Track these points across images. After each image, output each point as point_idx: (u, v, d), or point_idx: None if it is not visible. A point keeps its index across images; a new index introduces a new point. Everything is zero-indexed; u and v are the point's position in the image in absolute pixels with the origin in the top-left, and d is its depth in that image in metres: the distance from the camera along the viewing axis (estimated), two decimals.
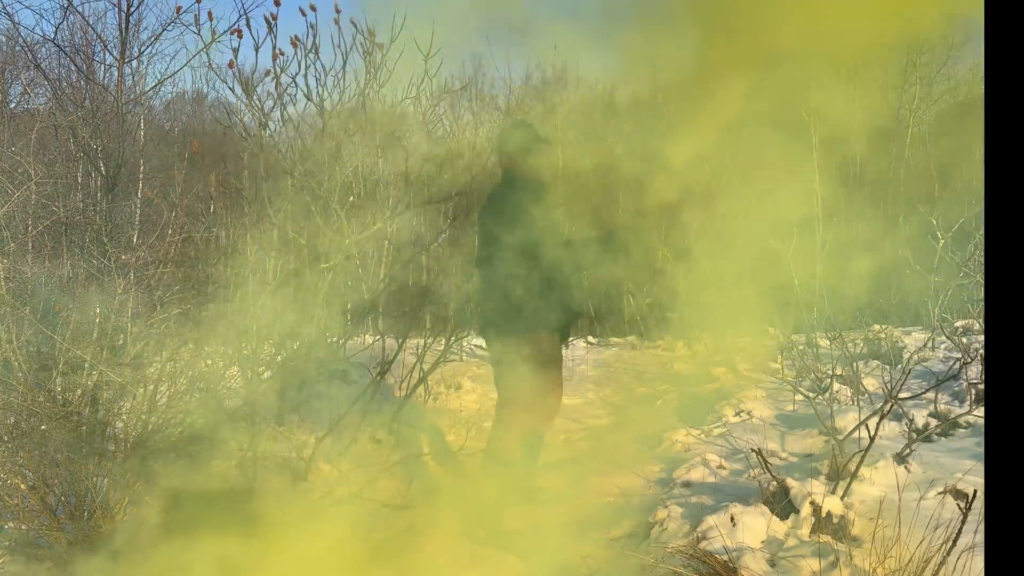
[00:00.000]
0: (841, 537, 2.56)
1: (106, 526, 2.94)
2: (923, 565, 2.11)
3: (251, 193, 5.16)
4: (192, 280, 3.43)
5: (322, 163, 4.83)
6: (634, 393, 6.57)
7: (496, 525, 3.16)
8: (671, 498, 3.18)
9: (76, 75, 6.59)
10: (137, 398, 3.13)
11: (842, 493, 2.81)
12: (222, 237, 4.80)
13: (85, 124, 4.73)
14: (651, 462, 3.83)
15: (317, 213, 4.85)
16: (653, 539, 2.71)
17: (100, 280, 3.83)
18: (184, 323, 3.33)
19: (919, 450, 3.37)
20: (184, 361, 3.37)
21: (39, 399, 2.88)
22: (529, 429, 3.23)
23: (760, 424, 4.50)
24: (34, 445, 2.80)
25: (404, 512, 3.45)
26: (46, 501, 2.90)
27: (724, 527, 2.51)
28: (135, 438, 2.99)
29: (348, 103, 5.00)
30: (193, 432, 3.12)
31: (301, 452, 4.24)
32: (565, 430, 5.24)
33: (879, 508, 2.74)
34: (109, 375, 3.02)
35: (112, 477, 2.97)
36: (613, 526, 2.99)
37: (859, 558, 2.30)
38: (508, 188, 3.20)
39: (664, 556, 2.49)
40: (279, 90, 4.71)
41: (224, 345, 3.65)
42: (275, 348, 4.52)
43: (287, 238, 4.96)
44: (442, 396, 5.91)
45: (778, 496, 2.75)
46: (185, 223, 3.98)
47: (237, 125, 4.91)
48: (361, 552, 3.06)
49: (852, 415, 4.01)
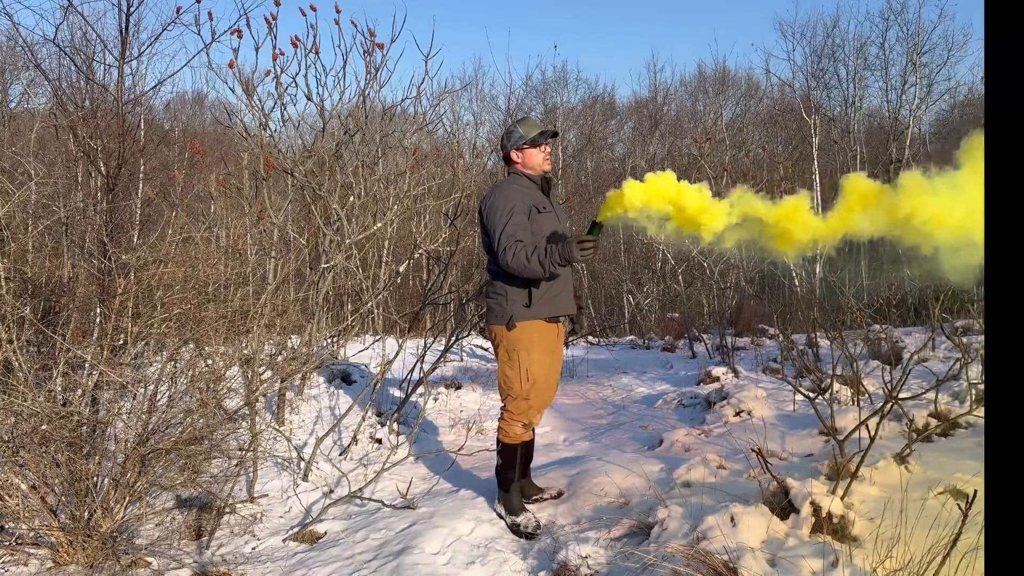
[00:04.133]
0: (841, 537, 2.56)
1: (106, 525, 2.95)
2: (923, 565, 2.12)
3: (251, 193, 5.16)
4: (192, 280, 3.43)
5: (323, 163, 4.84)
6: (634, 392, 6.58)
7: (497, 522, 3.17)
8: (671, 498, 3.18)
9: (76, 75, 6.58)
10: (137, 398, 3.13)
11: (842, 493, 2.81)
12: (222, 237, 4.80)
13: (85, 124, 4.73)
14: (651, 462, 3.83)
15: (317, 214, 4.85)
16: (653, 539, 2.71)
17: (100, 280, 3.83)
18: (184, 323, 3.34)
19: (919, 450, 3.37)
20: (184, 361, 3.37)
21: (39, 399, 2.88)
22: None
23: (760, 424, 4.50)
24: (34, 445, 2.80)
25: (405, 512, 3.45)
26: (46, 501, 2.90)
27: (724, 527, 2.51)
28: (135, 438, 2.99)
29: (348, 103, 5.00)
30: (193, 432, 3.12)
31: (301, 452, 4.24)
32: (566, 430, 5.25)
33: (880, 508, 2.74)
34: (109, 375, 3.02)
35: (112, 477, 2.97)
36: (613, 526, 2.99)
37: (859, 558, 2.31)
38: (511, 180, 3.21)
39: (664, 556, 2.49)
40: (279, 90, 4.71)
41: (224, 345, 3.65)
42: (275, 348, 4.52)
43: (287, 238, 4.97)
44: (442, 396, 5.92)
45: (778, 496, 2.76)
46: (185, 223, 3.98)
47: (237, 125, 4.92)
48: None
49: (852, 415, 4.01)
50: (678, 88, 23.42)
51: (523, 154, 3.23)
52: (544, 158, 3.24)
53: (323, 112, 4.94)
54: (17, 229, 4.12)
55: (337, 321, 6.79)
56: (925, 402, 4.10)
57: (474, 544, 3.09)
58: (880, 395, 4.68)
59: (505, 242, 2.97)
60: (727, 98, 22.27)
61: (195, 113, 21.31)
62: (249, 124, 4.97)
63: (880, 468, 3.12)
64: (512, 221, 3.00)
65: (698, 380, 6.53)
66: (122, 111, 4.62)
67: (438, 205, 6.39)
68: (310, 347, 4.79)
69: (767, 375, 6.44)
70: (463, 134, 17.21)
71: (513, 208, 3.03)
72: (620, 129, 23.04)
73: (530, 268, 2.90)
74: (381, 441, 4.70)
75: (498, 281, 3.16)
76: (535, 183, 3.23)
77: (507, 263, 2.96)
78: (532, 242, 2.98)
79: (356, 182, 4.95)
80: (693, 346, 8.95)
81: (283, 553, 3.16)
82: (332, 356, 5.25)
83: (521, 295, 3.11)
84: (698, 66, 32.83)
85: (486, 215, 3.10)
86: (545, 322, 3.16)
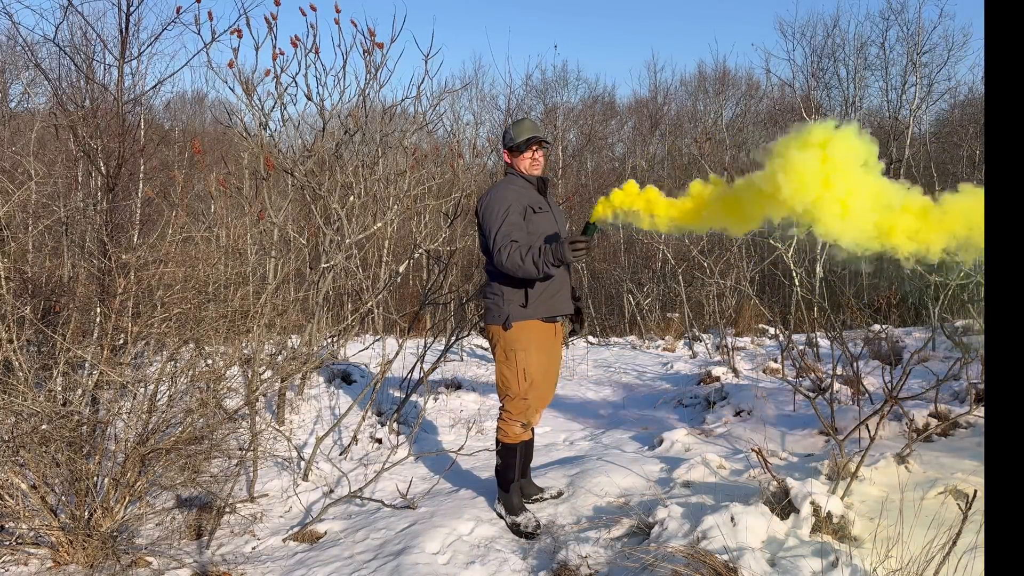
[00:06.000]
0: (841, 537, 2.56)
1: (106, 525, 2.95)
2: (923, 565, 2.12)
3: (251, 193, 5.16)
4: (192, 280, 3.43)
5: (323, 163, 4.83)
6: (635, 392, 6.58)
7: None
8: (671, 498, 3.18)
9: (76, 75, 6.58)
10: (137, 398, 3.13)
11: (842, 493, 2.81)
12: (222, 237, 4.80)
13: (85, 124, 4.73)
14: (651, 462, 3.83)
15: (317, 213, 4.85)
16: (653, 539, 2.71)
17: (100, 280, 3.83)
18: (184, 323, 3.33)
19: (919, 450, 3.37)
20: (184, 361, 3.37)
21: (39, 399, 2.88)
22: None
23: (760, 424, 4.51)
24: (34, 445, 2.80)
25: (405, 511, 3.45)
26: (46, 501, 2.90)
27: (724, 527, 2.51)
28: (135, 437, 2.99)
29: (348, 103, 5.00)
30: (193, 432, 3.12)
31: (301, 452, 4.25)
32: (566, 430, 5.25)
33: (879, 508, 2.74)
34: (109, 375, 3.02)
35: (112, 477, 2.97)
36: (613, 526, 2.99)
37: (859, 558, 2.31)
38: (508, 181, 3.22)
39: (664, 556, 2.49)
40: (279, 90, 4.71)
41: (224, 345, 3.65)
42: (275, 348, 4.52)
43: (287, 238, 4.97)
44: (442, 396, 5.92)
45: (778, 496, 2.76)
46: (185, 223, 3.98)
47: (237, 125, 4.92)
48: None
49: (852, 415, 4.01)
50: (678, 88, 23.42)
51: (512, 156, 3.25)
52: (531, 163, 3.23)
53: (323, 112, 4.94)
54: (17, 229, 4.12)
55: (337, 321, 6.79)
56: (925, 402, 4.10)
57: (474, 544, 3.09)
58: (880, 395, 4.68)
59: (500, 242, 2.98)
60: (727, 98, 22.27)
61: (195, 113, 21.31)
62: (249, 124, 4.97)
63: (880, 468, 3.12)
64: (507, 221, 3.01)
65: (698, 380, 6.53)
66: (122, 111, 4.62)
67: (438, 205, 6.39)
68: (310, 347, 4.79)
69: (767, 375, 6.44)
70: (463, 134, 17.20)
71: (508, 208, 3.04)
72: (620, 129, 23.03)
73: (524, 268, 2.91)
74: (381, 441, 4.71)
75: (495, 281, 3.17)
76: (531, 183, 3.24)
77: (502, 263, 2.97)
78: (527, 242, 2.98)
79: (356, 182, 4.95)
80: (693, 346, 8.96)
81: (283, 553, 3.17)
82: (332, 356, 5.25)
83: (517, 295, 3.11)
84: (698, 66, 32.83)
85: (482, 216, 3.11)
86: (542, 322, 3.16)
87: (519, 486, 3.33)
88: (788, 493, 2.72)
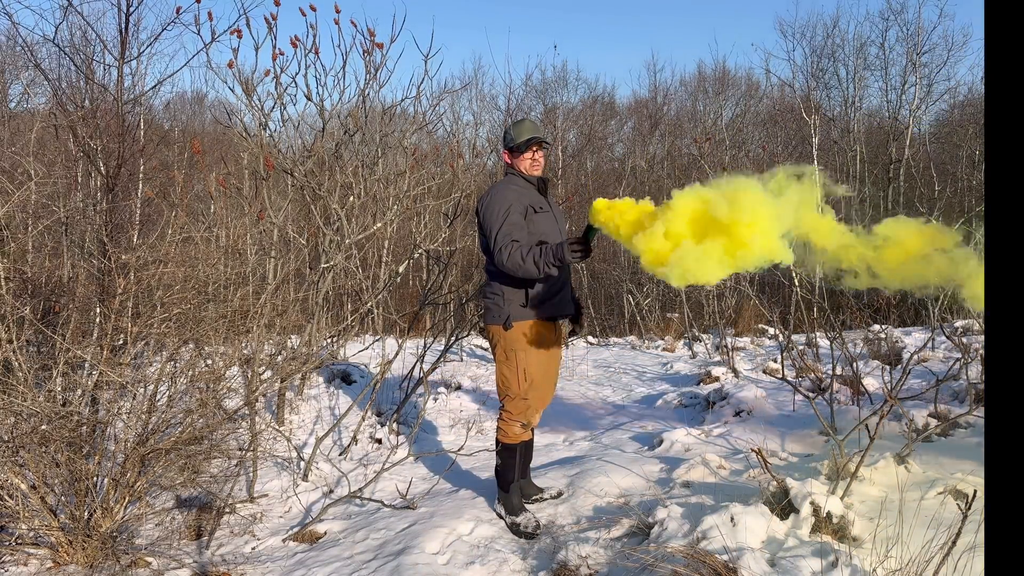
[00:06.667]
0: (841, 537, 2.56)
1: (106, 525, 2.95)
2: (923, 565, 2.12)
3: (251, 193, 5.16)
4: (192, 280, 3.43)
5: (322, 163, 4.83)
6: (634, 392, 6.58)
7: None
8: (671, 498, 3.18)
9: (76, 75, 6.58)
10: (137, 398, 3.13)
11: (842, 493, 2.81)
12: (222, 237, 4.80)
13: (85, 124, 4.73)
14: (651, 462, 3.83)
15: (317, 214, 4.85)
16: (653, 539, 2.71)
17: (100, 280, 3.83)
18: (184, 323, 3.33)
19: (919, 450, 3.37)
20: (184, 361, 3.37)
21: (39, 399, 2.88)
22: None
23: (760, 424, 4.51)
24: (34, 445, 2.80)
25: (404, 512, 3.45)
26: (46, 501, 2.90)
27: (724, 527, 2.51)
28: (135, 438, 2.99)
29: (348, 103, 5.00)
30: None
31: (301, 452, 4.24)
32: (566, 430, 5.24)
33: (879, 508, 2.74)
34: (109, 375, 3.02)
35: (112, 477, 2.97)
36: (613, 526, 2.99)
37: (859, 558, 2.30)
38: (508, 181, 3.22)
39: (664, 556, 2.49)
40: (279, 90, 4.71)
41: (224, 345, 3.65)
42: (275, 348, 4.52)
43: (287, 238, 4.97)
44: (442, 396, 5.92)
45: (778, 496, 2.76)
46: (185, 223, 3.98)
47: (237, 125, 4.92)
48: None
49: (852, 415, 4.01)
50: (678, 88, 23.41)
51: (512, 156, 3.25)
52: (531, 163, 3.23)
53: (323, 112, 4.94)
54: (17, 229, 4.12)
55: (337, 321, 6.79)
56: (925, 402, 4.10)
57: (474, 544, 3.09)
58: (880, 395, 4.68)
59: (501, 242, 2.98)
60: (727, 98, 22.26)
61: (195, 113, 21.31)
62: (249, 124, 4.97)
63: (880, 468, 3.12)
64: (508, 221, 3.01)
65: (698, 380, 6.53)
66: (122, 111, 4.62)
67: (438, 205, 6.39)
68: (310, 347, 4.79)
69: (767, 375, 6.44)
70: (463, 134, 17.21)
71: (509, 208, 3.04)
72: (620, 129, 23.02)
73: (525, 268, 2.91)
74: (381, 441, 4.70)
75: (495, 281, 3.17)
76: (531, 183, 3.24)
77: (503, 263, 2.97)
78: (528, 242, 2.99)
79: (356, 182, 4.95)
80: (693, 346, 8.96)
81: (283, 553, 3.16)
82: (332, 356, 5.25)
83: (518, 295, 3.11)
84: (698, 66, 32.79)
85: (483, 215, 3.11)
86: (542, 322, 3.16)
87: (519, 486, 3.34)
88: (788, 493, 2.73)
